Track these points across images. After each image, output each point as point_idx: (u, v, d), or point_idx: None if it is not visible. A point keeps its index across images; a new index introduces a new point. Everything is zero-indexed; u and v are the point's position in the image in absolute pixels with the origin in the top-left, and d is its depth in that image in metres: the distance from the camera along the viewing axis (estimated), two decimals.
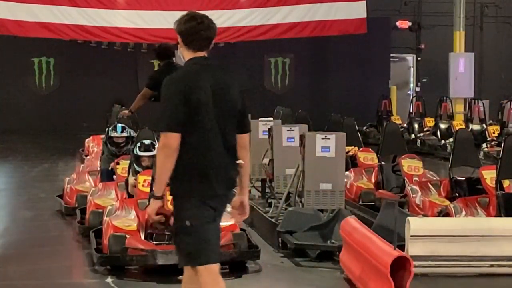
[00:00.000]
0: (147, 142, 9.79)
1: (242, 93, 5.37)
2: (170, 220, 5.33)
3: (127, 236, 7.84)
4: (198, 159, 5.16)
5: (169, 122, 5.10)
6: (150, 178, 8.82)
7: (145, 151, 9.67)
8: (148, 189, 8.81)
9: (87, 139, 17.20)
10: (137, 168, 9.55)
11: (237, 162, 5.30)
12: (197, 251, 5.16)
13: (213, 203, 5.20)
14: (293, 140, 10.43)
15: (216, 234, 5.24)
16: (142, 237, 8.09)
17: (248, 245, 8.13)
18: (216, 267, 5.20)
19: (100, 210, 9.25)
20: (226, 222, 8.32)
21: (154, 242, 7.90)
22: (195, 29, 5.26)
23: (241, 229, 8.44)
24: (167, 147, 5.10)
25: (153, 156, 9.52)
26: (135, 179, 9.26)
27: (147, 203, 8.31)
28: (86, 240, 9.03)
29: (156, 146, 9.84)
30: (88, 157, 14.72)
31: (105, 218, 8.54)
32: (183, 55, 5.35)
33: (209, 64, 5.29)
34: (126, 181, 9.66)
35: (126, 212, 8.57)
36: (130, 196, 9.40)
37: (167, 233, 7.89)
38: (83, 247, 9.02)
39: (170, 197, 5.32)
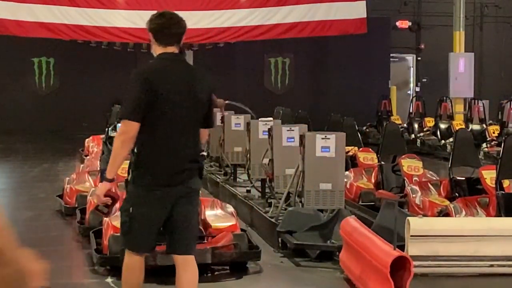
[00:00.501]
0: None
1: (211, 90, 5.59)
2: (116, 203, 5.62)
3: None
4: (154, 150, 5.41)
5: (130, 111, 5.34)
6: None
7: None
8: None
9: (87, 139, 17.21)
10: None
11: (200, 154, 5.55)
12: (129, 235, 5.46)
13: (163, 193, 5.40)
14: (293, 140, 10.43)
15: (157, 226, 5.47)
16: None
17: (249, 246, 8.13)
18: (139, 258, 5.49)
19: None
20: (226, 222, 8.33)
21: None
22: (164, 25, 5.51)
23: (242, 230, 8.44)
24: (124, 133, 5.38)
25: None
26: None
27: None
28: (86, 240, 9.03)
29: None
30: (88, 157, 14.72)
31: (105, 218, 8.53)
32: (155, 51, 5.59)
33: (178, 60, 5.54)
34: (126, 181, 9.64)
35: None
36: None
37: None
38: (83, 247, 9.02)
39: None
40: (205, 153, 5.45)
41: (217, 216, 8.51)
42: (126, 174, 9.98)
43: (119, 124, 12.41)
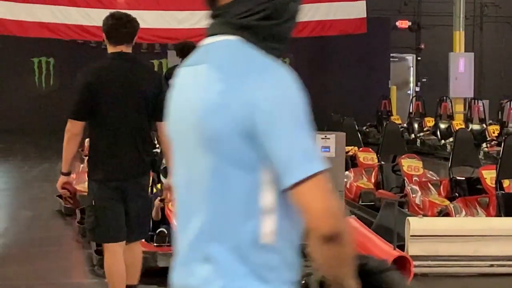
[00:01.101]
0: None
1: (158, 86, 5.92)
2: (73, 197, 6.20)
3: None
4: (102, 146, 5.88)
5: (73, 110, 5.86)
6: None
7: None
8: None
9: (87, 139, 17.15)
10: None
11: (154, 150, 5.99)
12: (96, 229, 5.94)
13: (115, 187, 5.83)
14: None
15: (121, 216, 5.90)
16: None
17: None
18: (114, 246, 5.92)
19: None
20: None
21: (155, 244, 7.79)
22: (114, 26, 5.96)
23: None
24: (69, 131, 5.99)
25: None
26: None
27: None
28: (86, 240, 9.02)
29: (157, 146, 9.85)
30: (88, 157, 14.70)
31: None
32: (108, 49, 5.99)
33: (126, 58, 5.93)
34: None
35: None
36: None
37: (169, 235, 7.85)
38: (83, 247, 9.02)
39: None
40: (157, 150, 5.95)
41: None
42: None
43: None
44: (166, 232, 7.85)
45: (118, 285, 5.99)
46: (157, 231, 7.95)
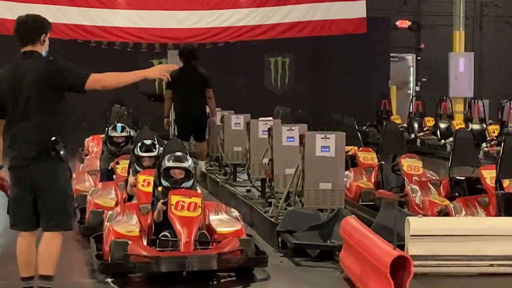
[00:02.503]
0: (148, 142, 9.75)
1: (46, 69, 6.51)
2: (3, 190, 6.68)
3: (129, 242, 7.63)
4: (6, 137, 6.44)
5: None
6: (150, 177, 8.78)
7: (146, 151, 9.64)
8: (148, 189, 8.78)
9: (86, 139, 17.17)
10: (138, 168, 9.51)
11: (53, 139, 6.41)
12: (10, 215, 6.56)
13: (20, 175, 6.36)
14: (293, 139, 10.43)
15: (24, 204, 6.43)
16: (145, 243, 7.96)
17: (255, 251, 7.86)
18: (23, 235, 6.57)
19: (100, 210, 9.22)
20: (231, 227, 8.19)
21: (158, 248, 7.66)
22: (16, 30, 6.79)
23: (248, 235, 8.27)
24: None
25: (155, 157, 9.49)
26: (135, 179, 9.23)
27: (150, 207, 8.28)
28: (86, 240, 9.01)
29: (157, 146, 9.85)
30: (88, 156, 14.70)
31: (106, 223, 8.31)
32: None
33: (25, 57, 6.64)
34: (126, 181, 9.63)
35: (128, 217, 8.37)
36: (129, 196, 9.37)
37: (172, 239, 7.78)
38: (83, 247, 9.00)
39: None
40: (54, 137, 6.43)
41: (222, 221, 8.32)
42: (126, 174, 10.00)
43: (119, 124, 12.52)
44: (169, 236, 7.74)
45: (22, 269, 6.64)
46: (160, 235, 7.84)
